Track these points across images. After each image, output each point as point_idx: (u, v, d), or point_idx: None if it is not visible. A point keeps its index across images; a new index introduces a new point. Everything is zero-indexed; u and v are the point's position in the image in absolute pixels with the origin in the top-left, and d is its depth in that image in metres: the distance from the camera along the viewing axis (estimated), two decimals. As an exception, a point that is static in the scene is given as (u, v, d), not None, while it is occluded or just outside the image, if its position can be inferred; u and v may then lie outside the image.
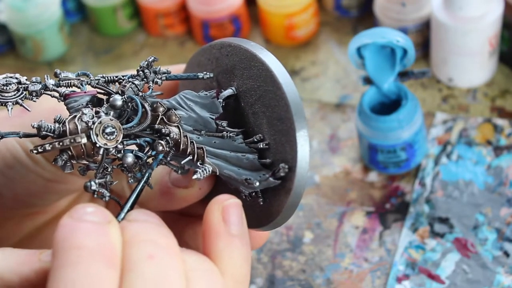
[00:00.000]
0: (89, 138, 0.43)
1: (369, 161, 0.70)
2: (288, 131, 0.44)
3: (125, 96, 0.45)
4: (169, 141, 0.45)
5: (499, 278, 0.62)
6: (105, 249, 0.38)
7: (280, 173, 0.44)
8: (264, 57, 0.45)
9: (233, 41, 0.47)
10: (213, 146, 0.47)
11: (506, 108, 0.74)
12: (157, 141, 0.45)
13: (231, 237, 0.43)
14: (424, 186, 0.69)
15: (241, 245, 0.43)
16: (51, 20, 0.86)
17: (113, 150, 0.44)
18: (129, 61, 0.87)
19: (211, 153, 0.47)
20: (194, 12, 0.84)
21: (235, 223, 0.43)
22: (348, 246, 0.66)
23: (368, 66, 0.67)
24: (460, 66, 0.74)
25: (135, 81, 0.46)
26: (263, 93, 0.45)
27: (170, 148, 0.46)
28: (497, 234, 0.65)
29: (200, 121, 0.47)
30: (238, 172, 0.46)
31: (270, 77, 0.45)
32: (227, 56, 0.47)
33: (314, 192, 0.70)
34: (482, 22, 0.71)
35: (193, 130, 0.47)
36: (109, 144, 0.43)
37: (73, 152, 0.43)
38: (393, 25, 0.78)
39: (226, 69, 0.48)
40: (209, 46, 0.49)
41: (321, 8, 0.87)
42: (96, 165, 0.44)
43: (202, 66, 0.49)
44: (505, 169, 0.69)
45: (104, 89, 0.46)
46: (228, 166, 0.46)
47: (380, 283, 0.63)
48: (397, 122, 0.66)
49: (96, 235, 0.39)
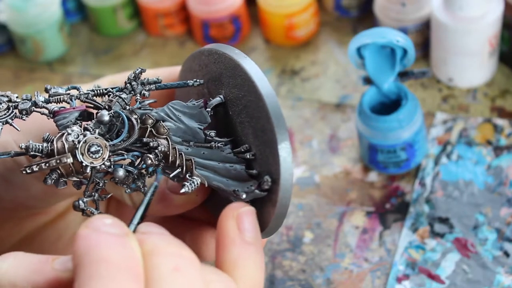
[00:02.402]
0: (75, 158, 0.43)
1: (369, 161, 0.70)
2: (270, 143, 0.44)
3: (111, 111, 0.45)
4: (158, 154, 0.45)
5: (499, 278, 0.62)
6: (130, 262, 0.38)
7: (264, 186, 0.45)
8: (246, 66, 0.45)
9: (219, 48, 0.47)
10: (202, 157, 0.47)
11: (506, 108, 0.74)
12: (145, 155, 0.45)
13: (246, 244, 0.43)
14: (424, 186, 0.69)
15: (255, 253, 0.43)
16: (51, 20, 0.86)
17: (101, 167, 0.44)
18: (129, 61, 0.87)
19: (200, 164, 0.47)
20: (194, 12, 0.84)
21: (250, 230, 0.44)
22: (348, 246, 0.66)
23: (368, 66, 0.67)
24: (460, 66, 0.74)
25: (122, 94, 0.46)
26: (247, 103, 0.45)
27: (159, 161, 0.46)
28: (497, 234, 0.65)
29: (188, 131, 0.47)
30: (227, 183, 0.46)
31: (252, 88, 0.45)
32: (214, 63, 0.47)
33: (314, 192, 0.70)
34: (482, 22, 0.71)
35: (182, 141, 0.47)
36: (95, 163, 0.43)
37: (62, 171, 0.44)
38: (393, 25, 0.78)
39: (214, 77, 0.48)
40: (199, 51, 0.49)
41: (321, 8, 0.87)
42: (87, 180, 0.45)
43: (193, 72, 0.50)
44: (505, 169, 0.69)
45: (93, 103, 0.46)
46: (216, 177, 0.46)
47: (380, 283, 0.63)
48: (397, 122, 0.66)
49: (120, 248, 0.39)
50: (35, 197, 0.52)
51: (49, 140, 0.44)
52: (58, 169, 0.44)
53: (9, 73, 0.88)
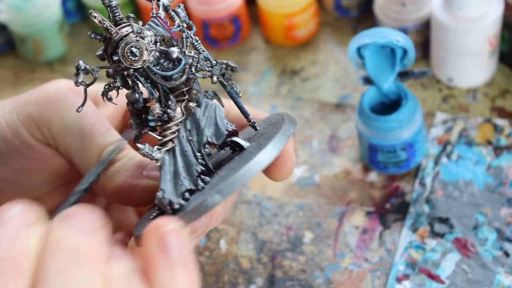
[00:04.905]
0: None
1: (369, 161, 0.70)
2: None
3: (183, 54, 0.49)
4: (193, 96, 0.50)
5: (499, 278, 0.62)
6: (17, 256, 0.37)
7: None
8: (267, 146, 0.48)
9: (284, 119, 0.51)
10: (183, 153, 0.50)
11: (506, 108, 0.74)
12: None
13: (171, 266, 0.40)
14: (424, 186, 0.69)
15: (183, 272, 0.40)
16: (51, 20, 0.86)
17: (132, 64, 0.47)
18: (129, 61, 0.87)
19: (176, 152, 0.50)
20: (194, 12, 0.84)
21: (175, 249, 0.40)
22: (348, 246, 0.66)
23: (368, 66, 0.67)
24: (460, 66, 0.74)
25: (199, 56, 0.49)
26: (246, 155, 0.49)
27: (164, 112, 0.49)
28: (497, 234, 0.65)
29: (198, 130, 0.50)
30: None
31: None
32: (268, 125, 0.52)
33: (314, 192, 0.70)
34: (482, 22, 0.71)
35: (189, 129, 0.49)
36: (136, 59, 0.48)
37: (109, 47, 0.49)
38: (393, 25, 0.78)
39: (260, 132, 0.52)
40: (280, 112, 0.54)
41: (321, 8, 0.87)
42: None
43: (272, 122, 0.53)
44: (505, 169, 0.69)
45: (183, 43, 0.49)
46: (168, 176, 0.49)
47: (380, 283, 0.63)
48: (397, 122, 0.66)
49: (9, 240, 0.37)
50: (25, 174, 0.54)
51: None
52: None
53: (9, 73, 0.88)
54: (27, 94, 0.55)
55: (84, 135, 0.52)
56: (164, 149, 0.48)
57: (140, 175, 0.51)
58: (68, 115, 0.53)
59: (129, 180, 0.51)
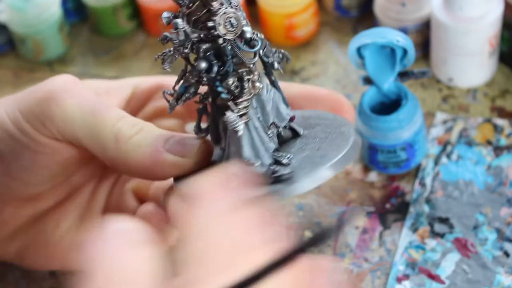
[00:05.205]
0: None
1: (369, 161, 0.70)
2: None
3: (256, 40, 0.49)
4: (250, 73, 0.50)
5: (499, 278, 0.62)
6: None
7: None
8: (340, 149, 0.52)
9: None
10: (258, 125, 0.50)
11: (506, 108, 0.74)
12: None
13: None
14: (424, 186, 0.69)
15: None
16: (51, 20, 0.86)
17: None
18: (129, 61, 0.87)
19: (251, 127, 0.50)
20: (194, 12, 0.84)
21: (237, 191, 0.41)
22: (348, 246, 0.66)
23: (368, 66, 0.67)
24: (460, 66, 0.74)
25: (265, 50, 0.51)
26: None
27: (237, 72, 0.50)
28: (497, 234, 0.65)
29: (263, 111, 0.51)
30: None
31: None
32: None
33: (314, 192, 0.70)
34: (482, 22, 0.71)
35: (255, 108, 0.50)
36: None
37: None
38: (393, 25, 0.78)
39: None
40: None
41: (321, 8, 0.87)
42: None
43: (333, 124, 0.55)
44: (505, 169, 0.69)
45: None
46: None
47: (380, 283, 0.63)
48: (397, 122, 0.66)
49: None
50: (24, 169, 0.54)
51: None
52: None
53: (9, 73, 0.88)
54: (26, 92, 0.55)
55: (89, 117, 0.53)
56: (243, 121, 0.49)
57: (163, 150, 0.51)
58: (70, 105, 0.53)
59: (153, 154, 0.50)
